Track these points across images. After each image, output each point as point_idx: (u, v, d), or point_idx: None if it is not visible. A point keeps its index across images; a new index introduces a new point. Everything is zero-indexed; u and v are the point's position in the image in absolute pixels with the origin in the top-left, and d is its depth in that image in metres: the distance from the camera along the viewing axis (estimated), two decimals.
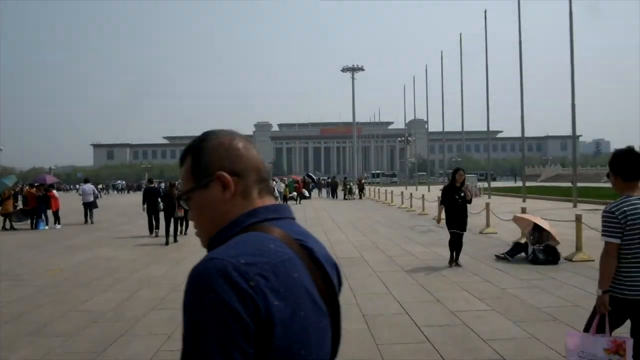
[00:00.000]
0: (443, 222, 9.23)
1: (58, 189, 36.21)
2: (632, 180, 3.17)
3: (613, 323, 3.14)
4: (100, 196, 51.18)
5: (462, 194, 8.89)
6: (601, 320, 3.12)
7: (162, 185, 20.51)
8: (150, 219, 15.76)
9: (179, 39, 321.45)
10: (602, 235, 3.15)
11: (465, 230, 9.05)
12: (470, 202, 9.13)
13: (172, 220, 13.71)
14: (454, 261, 8.98)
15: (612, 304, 3.09)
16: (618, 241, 3.09)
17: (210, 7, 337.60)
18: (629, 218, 3.05)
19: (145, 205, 16.01)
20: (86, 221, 19.87)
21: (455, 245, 8.97)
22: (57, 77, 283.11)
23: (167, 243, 13.21)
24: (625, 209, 3.07)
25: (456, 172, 9.08)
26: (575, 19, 22.18)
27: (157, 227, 15.64)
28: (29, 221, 19.52)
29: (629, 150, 3.29)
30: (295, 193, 32.79)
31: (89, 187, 20.64)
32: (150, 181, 19.04)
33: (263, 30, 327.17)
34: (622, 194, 3.18)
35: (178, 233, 14.15)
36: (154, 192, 16.20)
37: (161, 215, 15.49)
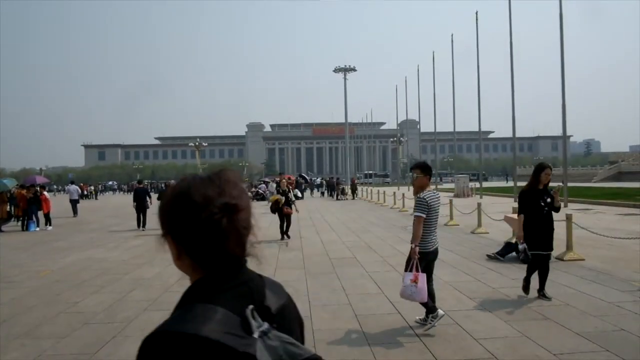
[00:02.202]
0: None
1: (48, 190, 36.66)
2: (429, 180, 5.43)
3: (423, 267, 5.13)
4: (96, 198, 52.36)
5: (549, 200, 6.47)
6: (416, 263, 5.11)
7: (163, 185, 22.83)
8: (138, 215, 17.34)
9: (171, 40, 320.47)
10: (415, 211, 5.29)
11: (552, 249, 6.57)
12: (558, 210, 6.61)
13: None
14: (528, 289, 6.67)
15: (420, 255, 5.14)
16: (424, 216, 5.21)
17: (204, 9, 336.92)
18: (431, 202, 5.26)
19: (135, 204, 17.58)
20: (74, 214, 24.38)
21: (541, 269, 6.54)
22: (48, 78, 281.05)
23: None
24: (428, 197, 5.27)
25: (542, 170, 6.51)
26: (567, 21, 22.38)
27: (144, 225, 17.14)
28: (19, 223, 19.36)
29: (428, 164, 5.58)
30: None
31: (74, 187, 26.29)
32: (140, 182, 20.67)
33: (255, 32, 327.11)
34: (424, 189, 5.32)
35: None
36: (143, 192, 17.79)
37: (149, 212, 17.34)
